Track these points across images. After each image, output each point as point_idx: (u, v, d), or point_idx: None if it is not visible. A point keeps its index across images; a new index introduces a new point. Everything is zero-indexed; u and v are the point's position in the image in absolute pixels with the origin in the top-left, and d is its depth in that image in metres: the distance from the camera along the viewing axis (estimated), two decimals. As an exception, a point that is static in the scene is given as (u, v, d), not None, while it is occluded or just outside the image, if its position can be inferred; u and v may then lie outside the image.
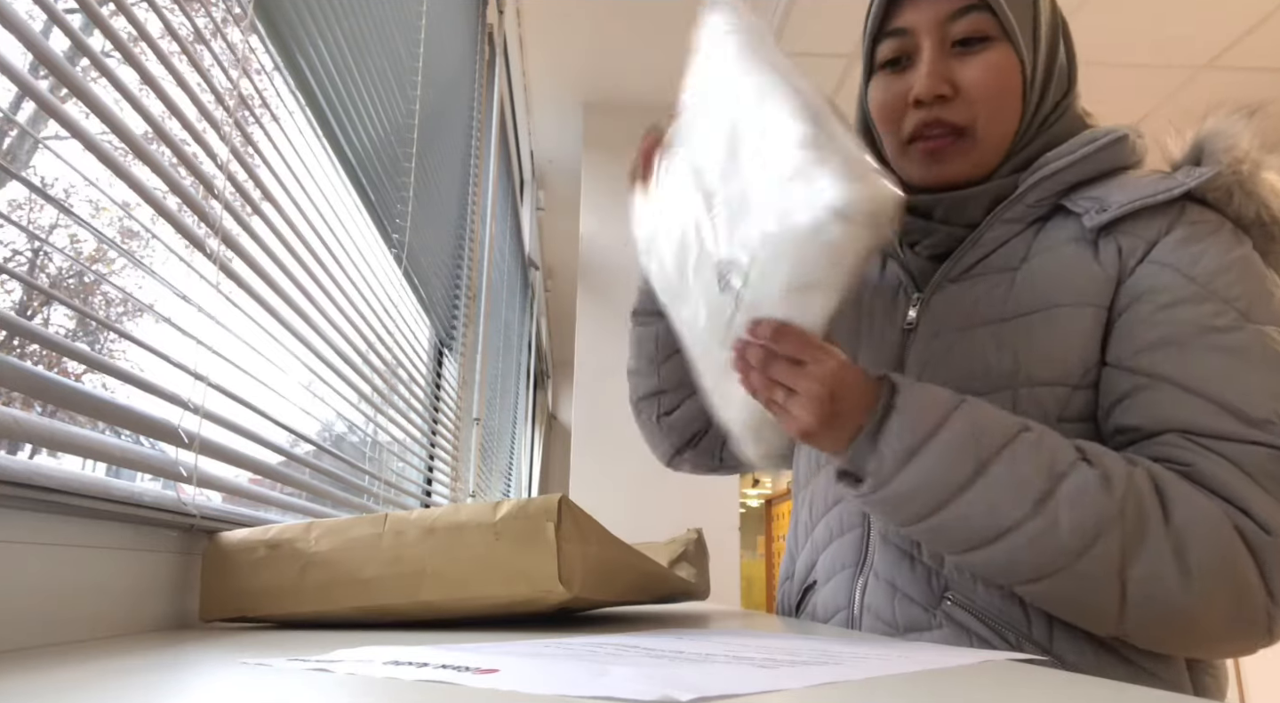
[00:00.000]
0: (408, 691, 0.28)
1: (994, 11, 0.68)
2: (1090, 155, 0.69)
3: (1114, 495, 0.55)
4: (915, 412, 0.58)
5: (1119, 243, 0.66)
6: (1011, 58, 0.69)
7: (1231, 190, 0.64)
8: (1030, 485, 0.56)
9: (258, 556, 0.58)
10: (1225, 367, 0.59)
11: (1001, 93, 0.69)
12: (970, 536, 0.58)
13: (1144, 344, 0.62)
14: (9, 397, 0.55)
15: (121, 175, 0.57)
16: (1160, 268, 0.63)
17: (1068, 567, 0.55)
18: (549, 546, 0.51)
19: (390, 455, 1.47)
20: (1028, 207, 0.70)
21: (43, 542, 0.47)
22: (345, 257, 1.15)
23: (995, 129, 0.70)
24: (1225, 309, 0.61)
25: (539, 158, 3.49)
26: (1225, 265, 0.62)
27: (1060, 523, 0.55)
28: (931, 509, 0.58)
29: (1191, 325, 0.61)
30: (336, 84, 1.12)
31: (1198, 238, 0.64)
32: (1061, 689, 0.31)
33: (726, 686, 0.27)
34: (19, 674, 0.34)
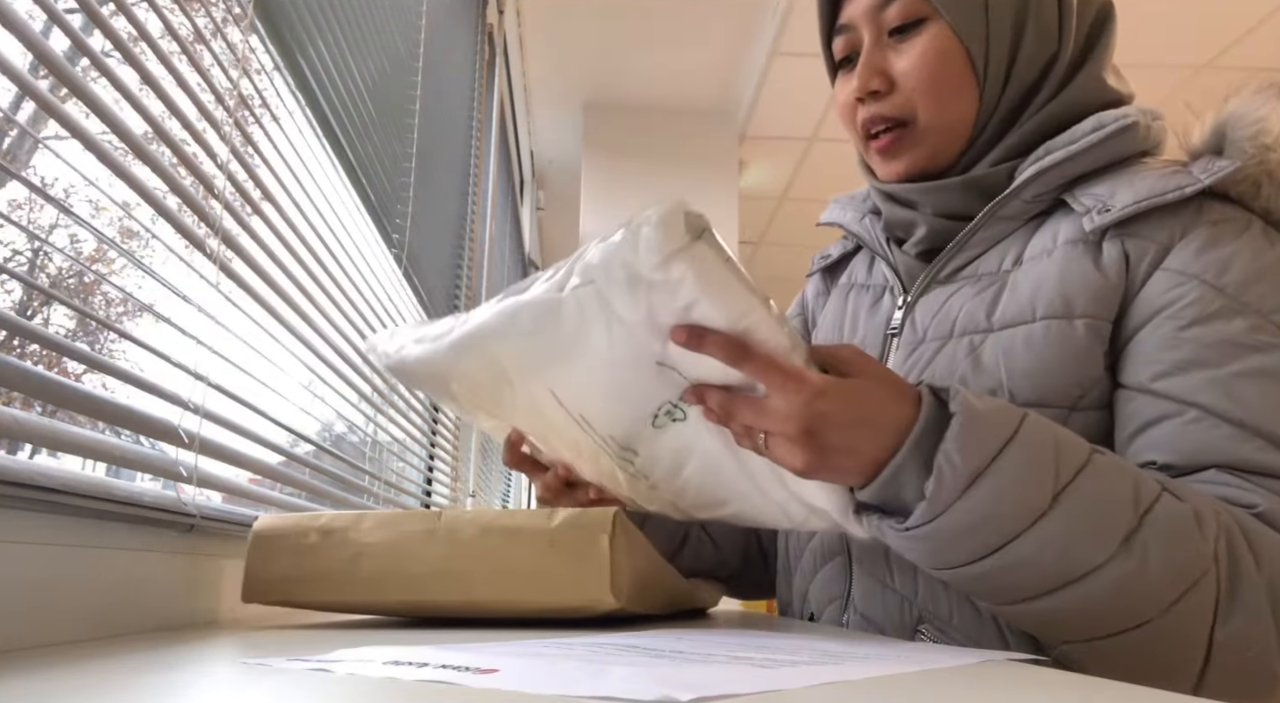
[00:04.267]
0: (408, 691, 0.28)
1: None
2: (1095, 145, 0.61)
3: (1208, 535, 0.46)
4: (977, 422, 0.46)
5: (1125, 247, 0.58)
6: (949, 39, 0.63)
7: (1259, 182, 0.57)
8: (1117, 518, 0.46)
9: (309, 541, 0.58)
10: (1267, 392, 0.52)
11: (938, 78, 0.64)
12: (1038, 579, 0.47)
13: (1170, 367, 0.54)
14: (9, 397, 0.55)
15: (121, 175, 0.57)
16: (1181, 278, 0.56)
17: (1154, 620, 0.46)
18: (603, 557, 0.52)
19: (390, 455, 1.47)
20: (1025, 203, 0.64)
21: (43, 542, 0.47)
22: (345, 256, 1.15)
23: (941, 117, 0.65)
24: (1262, 324, 0.53)
25: (539, 158, 3.49)
26: (1258, 272, 0.55)
27: (1150, 566, 0.45)
28: (996, 546, 0.46)
29: (1225, 345, 0.53)
30: (336, 84, 1.12)
31: (1222, 240, 0.56)
32: (1061, 689, 0.31)
33: (726, 686, 0.27)
34: (19, 674, 0.34)
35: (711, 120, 3.10)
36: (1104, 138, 0.61)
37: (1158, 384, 0.55)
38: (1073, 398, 0.57)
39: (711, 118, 3.10)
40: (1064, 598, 0.47)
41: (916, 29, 0.64)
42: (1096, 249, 0.59)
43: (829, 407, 0.46)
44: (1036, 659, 0.40)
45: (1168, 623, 0.46)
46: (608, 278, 0.47)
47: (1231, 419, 0.51)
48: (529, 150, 3.39)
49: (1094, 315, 0.57)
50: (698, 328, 0.47)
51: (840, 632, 0.63)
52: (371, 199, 1.28)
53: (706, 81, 2.96)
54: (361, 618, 0.66)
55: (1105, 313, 0.58)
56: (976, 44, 0.64)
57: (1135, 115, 0.62)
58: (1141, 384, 0.55)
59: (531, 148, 3.40)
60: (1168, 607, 0.46)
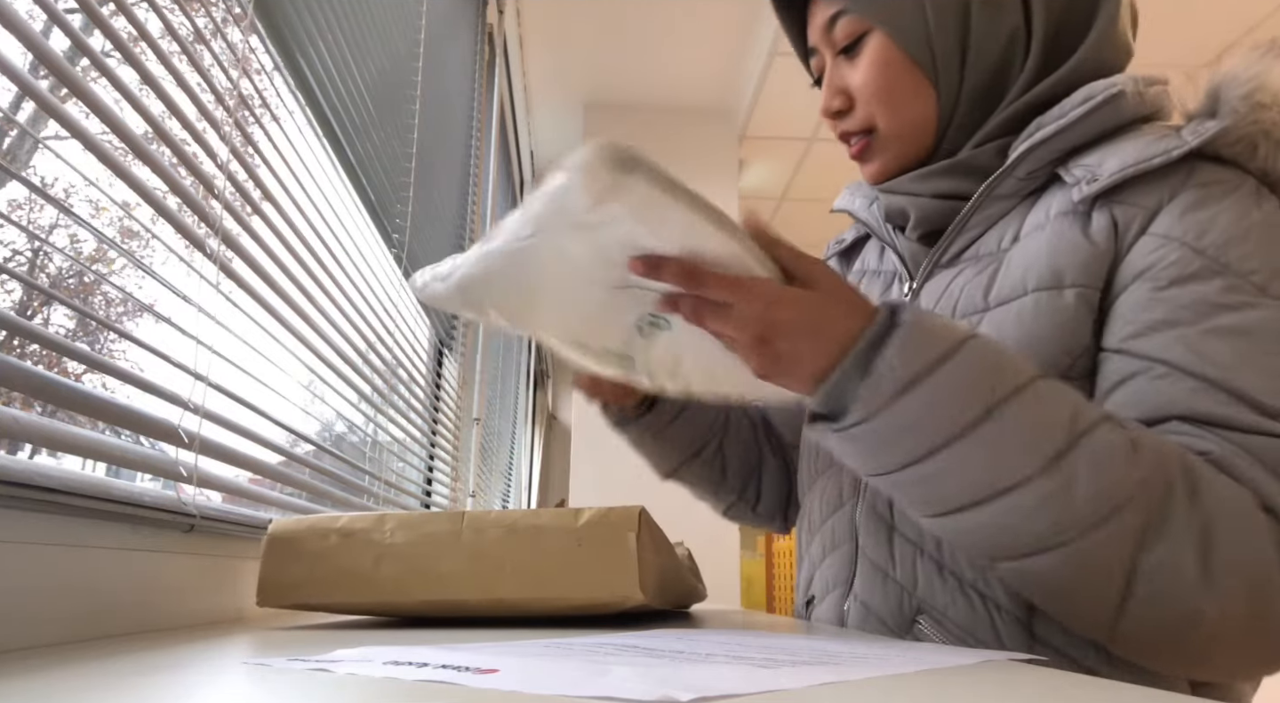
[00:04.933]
0: (408, 691, 0.28)
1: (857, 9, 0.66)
2: (1082, 118, 0.61)
3: (1141, 463, 0.47)
4: (921, 334, 0.49)
5: (1114, 214, 0.58)
6: (889, 48, 0.65)
7: (1256, 142, 0.56)
8: (1048, 437, 0.47)
9: (330, 543, 0.58)
10: (1237, 349, 0.51)
11: (887, 88, 0.66)
12: (964, 489, 0.49)
13: (1143, 326, 0.54)
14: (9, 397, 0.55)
15: (121, 175, 0.57)
16: (1163, 241, 0.55)
17: (1075, 541, 0.47)
18: (630, 554, 0.54)
19: (390, 455, 1.47)
20: (1019, 180, 0.64)
21: (43, 542, 0.47)
22: (345, 256, 1.15)
23: (898, 122, 0.67)
24: (1239, 284, 0.52)
25: (539, 158, 3.49)
26: (1241, 233, 0.54)
27: (1077, 487, 0.47)
28: (925, 452, 0.48)
29: (1199, 304, 0.53)
30: (336, 84, 1.12)
31: (1208, 202, 0.55)
32: (1061, 690, 0.31)
33: (726, 686, 0.27)
34: (19, 675, 0.34)
35: (711, 120, 3.11)
36: (1091, 110, 0.61)
37: (1130, 343, 0.55)
38: (1063, 367, 0.57)
39: (711, 118, 3.11)
40: (989, 511, 0.48)
41: (860, 45, 0.67)
42: (1086, 219, 0.59)
43: (781, 315, 0.49)
44: (1036, 660, 0.40)
45: (1088, 544, 0.47)
46: (554, 225, 0.51)
47: (1196, 374, 0.51)
48: (529, 150, 3.39)
49: (1084, 284, 0.57)
50: (651, 258, 0.49)
51: (840, 632, 0.63)
52: (371, 199, 1.28)
53: (706, 81, 2.96)
54: (362, 618, 0.66)
55: (1094, 282, 0.57)
56: (917, 47, 0.65)
57: (1123, 83, 0.61)
58: (1116, 345, 0.56)
59: (531, 148, 3.40)
60: (1090, 527, 0.47)
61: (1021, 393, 0.48)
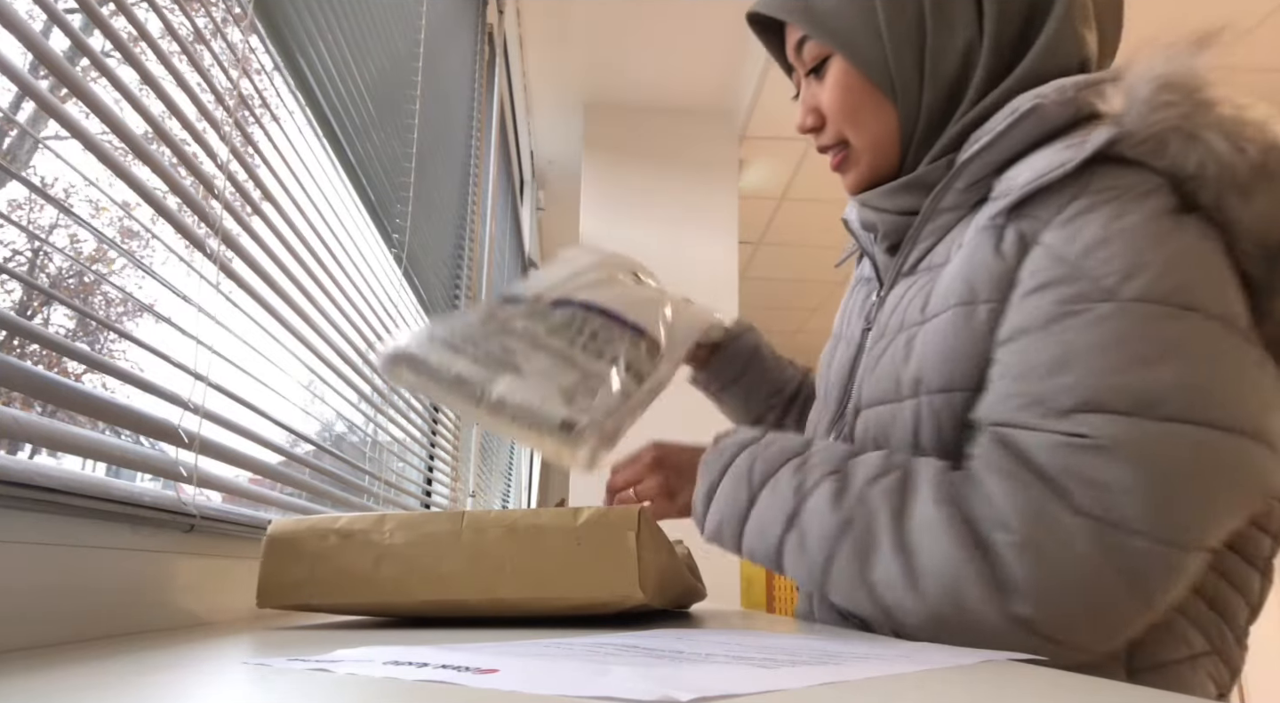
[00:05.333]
0: (408, 691, 0.28)
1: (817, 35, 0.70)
2: (1006, 131, 0.62)
3: (843, 506, 0.57)
4: (712, 462, 0.66)
5: (1021, 229, 0.59)
6: (849, 71, 0.70)
7: (1166, 139, 0.55)
8: (785, 505, 0.60)
9: (329, 543, 0.58)
10: (1055, 355, 0.54)
11: (849, 105, 0.71)
12: (768, 557, 0.61)
13: (1005, 333, 0.57)
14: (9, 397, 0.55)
15: (121, 175, 0.57)
16: (1041, 250, 0.57)
17: (826, 576, 0.57)
18: (630, 554, 0.54)
19: (390, 455, 1.47)
20: (961, 192, 0.65)
21: (43, 542, 0.47)
22: (345, 257, 1.15)
23: (866, 132, 0.71)
24: (1089, 289, 0.54)
25: (539, 158, 3.49)
26: (1105, 238, 0.54)
27: (808, 537, 0.58)
28: (735, 537, 0.64)
29: (1046, 309, 0.55)
30: (336, 84, 1.12)
31: (1089, 210, 0.56)
32: (1061, 690, 0.31)
33: (726, 686, 0.27)
34: (18, 675, 0.34)
35: (711, 120, 3.10)
36: (1011, 124, 0.62)
37: (996, 350, 0.58)
38: (976, 380, 0.59)
39: (711, 118, 3.10)
40: (789, 569, 0.60)
41: (824, 67, 0.72)
42: (1000, 234, 0.60)
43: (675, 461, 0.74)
44: (1037, 660, 0.40)
45: (834, 576, 0.57)
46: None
47: (1014, 378, 0.56)
48: (529, 150, 3.39)
49: (994, 300, 0.59)
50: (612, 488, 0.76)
51: (840, 632, 0.63)
52: (371, 199, 1.28)
53: (706, 81, 2.96)
54: (362, 618, 0.66)
55: (1001, 296, 0.59)
56: (875, 68, 0.68)
57: (1046, 94, 0.61)
58: (993, 351, 0.59)
59: (531, 148, 3.40)
60: (826, 565, 0.57)
61: (775, 475, 0.62)
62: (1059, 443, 0.52)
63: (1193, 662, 0.58)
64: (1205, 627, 0.59)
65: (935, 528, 0.53)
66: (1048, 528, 0.51)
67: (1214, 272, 0.55)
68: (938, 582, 0.52)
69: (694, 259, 2.95)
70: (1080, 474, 0.51)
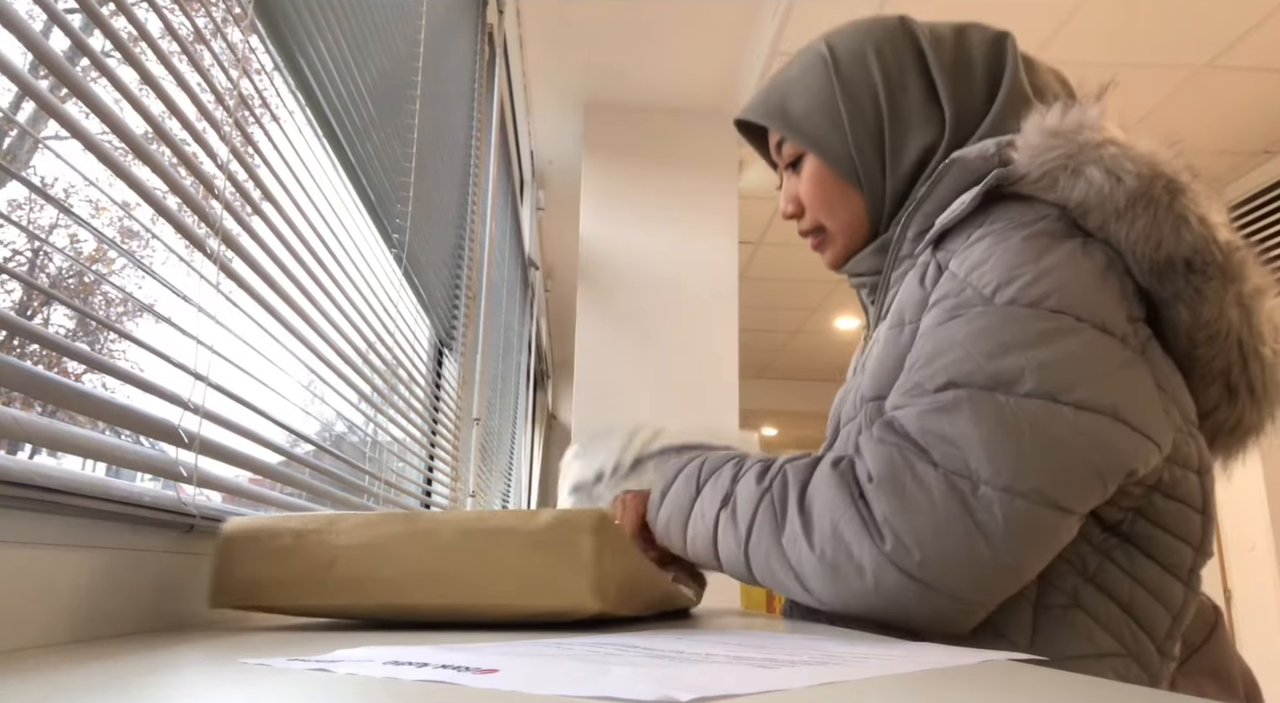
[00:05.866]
0: (408, 691, 0.28)
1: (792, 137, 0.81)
2: (934, 184, 0.73)
3: (763, 482, 0.66)
4: (668, 469, 0.77)
5: (938, 258, 0.70)
6: (820, 166, 0.80)
7: (1056, 176, 0.65)
8: (723, 489, 0.69)
9: (282, 543, 0.56)
10: (936, 348, 0.63)
11: (822, 196, 0.81)
12: (708, 542, 0.69)
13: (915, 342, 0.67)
14: (9, 397, 0.55)
15: (121, 175, 0.57)
16: (945, 274, 0.67)
17: (752, 546, 0.65)
18: (586, 559, 0.51)
19: (390, 455, 1.47)
20: (911, 241, 0.76)
21: (43, 542, 0.47)
22: (345, 256, 1.15)
23: (838, 219, 0.81)
24: (971, 297, 0.63)
25: (539, 158, 3.49)
26: (988, 257, 0.64)
27: (737, 509, 0.67)
28: (682, 527, 0.73)
29: (936, 317, 0.65)
30: (336, 84, 1.12)
31: (985, 237, 0.66)
32: (1061, 690, 0.31)
33: (726, 686, 0.27)
34: (18, 675, 0.34)
35: (711, 120, 3.10)
36: (936, 177, 0.73)
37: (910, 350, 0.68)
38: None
39: (711, 118, 3.10)
40: (724, 551, 0.68)
41: (800, 163, 0.83)
42: (925, 268, 0.71)
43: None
44: (1037, 660, 0.40)
45: (754, 543, 0.65)
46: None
47: (905, 372, 0.65)
48: (529, 150, 3.39)
49: (915, 320, 0.69)
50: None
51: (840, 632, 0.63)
52: (371, 199, 1.28)
53: (706, 81, 2.96)
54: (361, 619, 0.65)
55: (919, 317, 0.69)
56: (844, 165, 0.79)
57: (968, 151, 0.72)
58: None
59: (531, 148, 3.40)
60: (748, 531, 0.65)
61: (716, 472, 0.72)
62: (922, 411, 0.60)
63: (1099, 660, 0.62)
64: (1116, 629, 0.63)
65: (824, 487, 0.62)
66: (908, 473, 0.58)
67: (1086, 282, 0.62)
68: (823, 532, 0.60)
69: (694, 259, 2.95)
70: (936, 433, 0.59)
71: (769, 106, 0.83)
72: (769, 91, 0.84)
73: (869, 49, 0.78)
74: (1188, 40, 2.56)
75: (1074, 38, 2.53)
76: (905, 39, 0.78)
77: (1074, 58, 2.64)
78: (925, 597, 0.57)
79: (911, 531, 0.57)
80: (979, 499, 0.56)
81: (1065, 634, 0.63)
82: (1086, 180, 0.64)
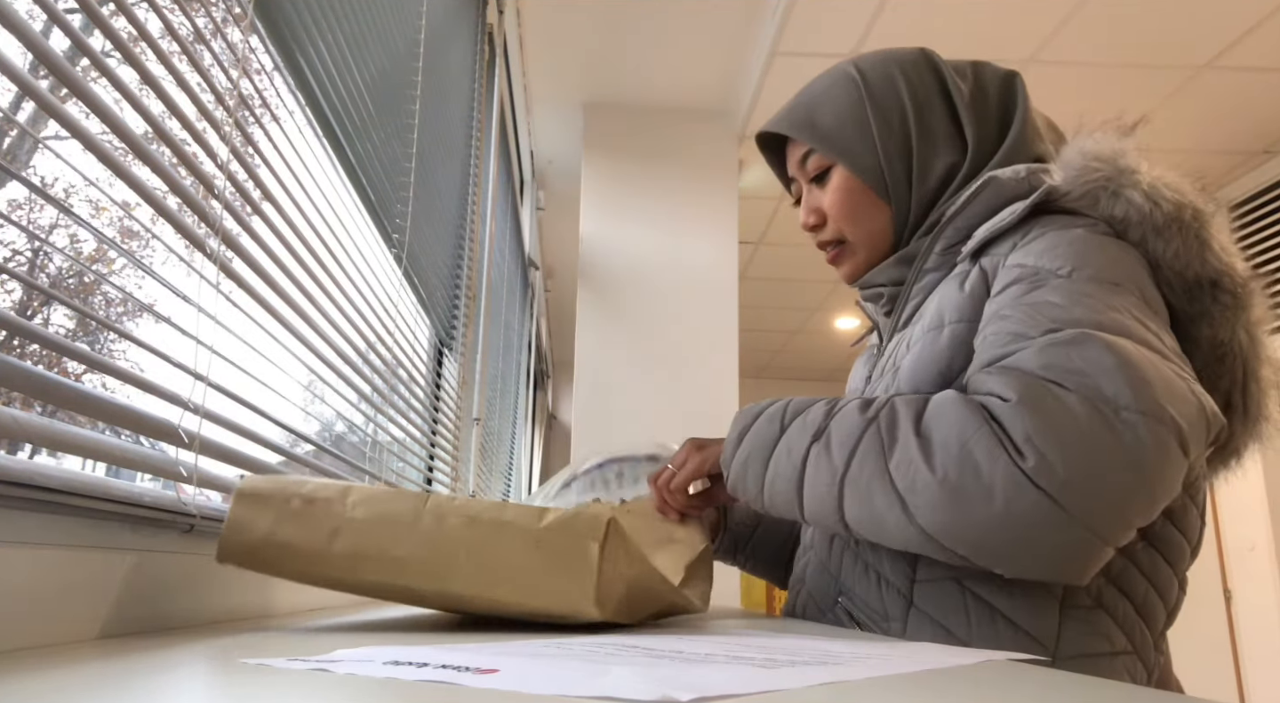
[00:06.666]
0: (408, 691, 0.28)
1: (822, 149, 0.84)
2: (970, 199, 0.77)
3: (867, 412, 0.64)
4: (746, 411, 0.75)
5: (983, 266, 0.73)
6: (851, 179, 0.83)
7: (1098, 196, 0.71)
8: (814, 425, 0.67)
9: (292, 507, 0.55)
10: (1026, 313, 0.64)
11: (851, 207, 0.84)
12: (792, 481, 0.67)
13: (986, 320, 0.69)
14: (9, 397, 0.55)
15: (121, 175, 0.57)
16: (1011, 267, 0.70)
17: (845, 473, 0.63)
18: (590, 566, 0.50)
19: (390, 455, 1.47)
20: (939, 255, 0.80)
21: (43, 542, 0.47)
22: (345, 257, 1.15)
23: (862, 231, 0.84)
24: (1046, 276, 0.67)
25: (539, 158, 3.49)
26: (1055, 244, 0.68)
27: (832, 441, 0.65)
28: (762, 464, 0.70)
29: (1016, 293, 0.67)
30: (336, 84, 1.12)
31: (1041, 238, 0.70)
32: (1061, 690, 0.31)
33: (726, 686, 0.27)
34: (18, 675, 0.34)
35: (711, 120, 3.10)
36: (973, 193, 0.77)
37: (980, 334, 0.69)
38: (937, 383, 0.71)
39: (711, 118, 3.10)
40: (809, 487, 0.66)
41: (827, 175, 0.85)
42: (965, 276, 0.74)
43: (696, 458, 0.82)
44: (1037, 660, 0.40)
45: (854, 472, 0.62)
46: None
47: (998, 333, 0.65)
48: (529, 150, 3.39)
49: (956, 321, 0.72)
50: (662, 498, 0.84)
51: (840, 632, 0.63)
52: (371, 199, 1.28)
53: (706, 81, 2.96)
54: (361, 619, 0.65)
55: (964, 317, 0.72)
56: (872, 176, 0.82)
57: (1002, 171, 0.76)
58: (976, 340, 0.70)
59: (531, 148, 3.40)
60: (846, 460, 0.63)
61: (803, 412, 0.70)
62: (1040, 347, 0.60)
63: (1113, 658, 0.65)
64: (1129, 628, 0.66)
65: (947, 411, 0.60)
66: (1048, 395, 0.57)
67: (1144, 278, 0.67)
68: (947, 452, 0.58)
69: (694, 259, 2.95)
70: (1063, 366, 0.58)
71: (796, 120, 0.86)
72: (794, 107, 0.87)
73: (896, 72, 0.83)
74: (1188, 40, 2.56)
75: (1074, 38, 2.53)
76: (928, 67, 0.84)
77: (1074, 58, 2.64)
78: (1058, 523, 0.54)
79: (1059, 448, 0.54)
80: (1123, 423, 0.54)
81: (1087, 634, 0.65)
82: (1127, 201, 0.69)
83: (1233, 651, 3.27)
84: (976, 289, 0.72)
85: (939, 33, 2.54)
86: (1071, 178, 0.72)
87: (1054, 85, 2.77)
